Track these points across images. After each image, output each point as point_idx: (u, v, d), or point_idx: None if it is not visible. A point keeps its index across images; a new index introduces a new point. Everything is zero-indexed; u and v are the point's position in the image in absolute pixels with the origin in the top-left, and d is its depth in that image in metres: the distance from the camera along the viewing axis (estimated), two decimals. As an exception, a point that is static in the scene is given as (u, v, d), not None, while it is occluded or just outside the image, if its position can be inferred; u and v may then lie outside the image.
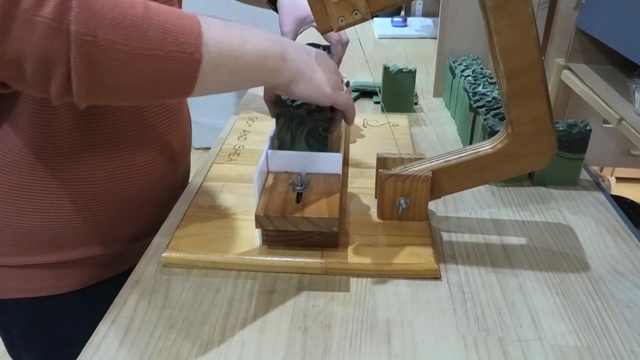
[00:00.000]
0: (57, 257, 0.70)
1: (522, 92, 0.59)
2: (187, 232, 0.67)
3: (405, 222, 0.69)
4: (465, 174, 0.66)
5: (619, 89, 0.95)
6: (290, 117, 0.67)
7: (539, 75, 0.59)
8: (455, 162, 0.65)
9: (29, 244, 0.68)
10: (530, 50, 0.57)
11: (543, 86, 0.59)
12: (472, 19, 1.08)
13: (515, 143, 0.62)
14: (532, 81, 0.59)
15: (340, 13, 0.56)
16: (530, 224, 0.71)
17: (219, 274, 0.62)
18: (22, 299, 0.71)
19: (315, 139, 0.68)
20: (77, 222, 0.69)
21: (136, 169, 0.71)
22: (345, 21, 0.57)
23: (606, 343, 0.53)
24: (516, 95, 0.60)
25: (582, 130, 0.77)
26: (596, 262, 0.64)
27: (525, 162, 0.64)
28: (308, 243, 0.63)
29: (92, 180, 0.68)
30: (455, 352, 0.52)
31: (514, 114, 0.61)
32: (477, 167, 0.65)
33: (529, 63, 0.58)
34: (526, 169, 0.65)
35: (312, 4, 0.57)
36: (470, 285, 0.61)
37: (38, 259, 0.69)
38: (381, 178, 0.67)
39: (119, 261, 0.75)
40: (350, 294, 0.59)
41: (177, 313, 0.57)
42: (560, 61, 1.10)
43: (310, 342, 0.53)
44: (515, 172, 0.65)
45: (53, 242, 0.69)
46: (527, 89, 0.59)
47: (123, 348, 0.53)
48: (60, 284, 0.72)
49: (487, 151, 0.64)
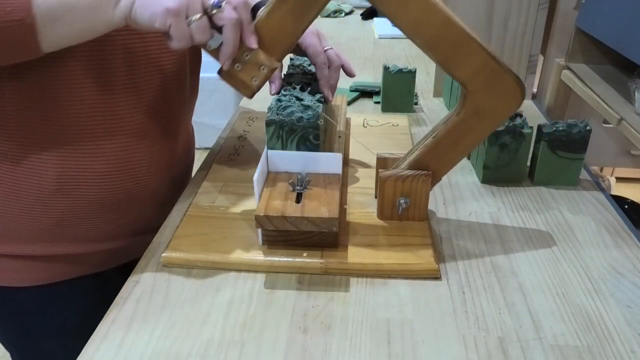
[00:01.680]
0: (13, 249, 0.69)
1: (450, 54, 0.59)
2: (187, 232, 0.67)
3: (405, 222, 0.69)
4: (448, 149, 0.66)
5: (619, 89, 0.95)
6: (280, 125, 0.67)
7: (458, 31, 0.58)
8: (433, 142, 0.65)
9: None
10: (435, 13, 0.57)
11: (469, 38, 0.58)
12: (472, 19, 1.08)
13: (474, 100, 0.62)
14: (454, 39, 0.58)
15: (250, 75, 0.61)
16: (530, 224, 0.71)
17: (219, 274, 0.62)
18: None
19: (306, 146, 0.68)
20: (33, 218, 0.68)
21: (90, 174, 0.68)
22: (258, 79, 0.61)
23: (606, 343, 0.53)
24: (447, 59, 0.60)
25: (582, 130, 0.77)
26: (596, 262, 0.64)
27: (496, 113, 0.63)
28: (308, 243, 0.63)
29: (43, 177, 0.66)
30: (455, 352, 0.52)
31: (457, 75, 0.61)
32: (455, 137, 0.65)
33: (441, 24, 0.58)
34: (501, 117, 0.64)
35: (226, 80, 0.61)
36: (470, 285, 0.61)
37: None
38: (381, 178, 0.67)
39: (88, 262, 0.74)
40: (350, 294, 0.59)
41: (177, 313, 0.57)
42: (560, 61, 1.10)
43: (310, 342, 0.53)
44: (492, 126, 0.65)
45: (7, 234, 0.68)
46: (454, 48, 0.59)
47: (123, 348, 0.53)
48: (21, 277, 0.71)
49: (455, 119, 0.63)
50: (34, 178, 0.66)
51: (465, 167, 0.86)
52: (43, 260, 0.71)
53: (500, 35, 1.08)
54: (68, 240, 0.71)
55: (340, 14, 1.98)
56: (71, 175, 0.67)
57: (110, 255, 0.76)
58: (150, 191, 0.75)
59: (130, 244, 0.76)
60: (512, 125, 0.77)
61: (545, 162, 0.79)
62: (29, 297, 0.73)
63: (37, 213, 0.68)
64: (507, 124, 0.77)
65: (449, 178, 0.83)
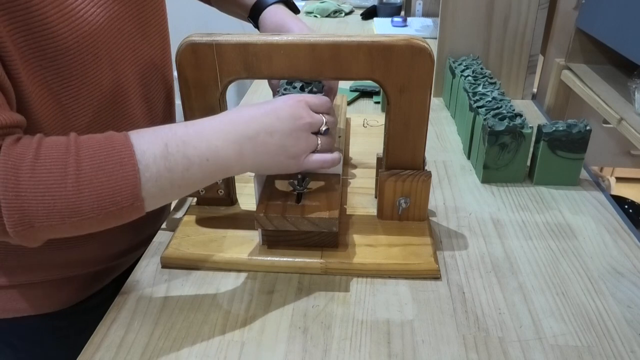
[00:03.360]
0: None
1: (337, 67, 0.60)
2: (187, 232, 0.67)
3: (405, 222, 0.69)
4: (404, 134, 0.65)
5: (619, 89, 0.95)
6: None
7: (325, 47, 0.59)
8: (389, 137, 0.66)
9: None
10: (299, 49, 0.59)
11: (338, 45, 0.59)
12: (472, 19, 1.08)
13: (391, 83, 0.61)
14: (328, 55, 0.60)
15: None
16: (530, 224, 0.71)
17: (219, 274, 0.62)
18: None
19: None
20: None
21: None
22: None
23: (606, 343, 0.53)
24: (339, 72, 0.61)
25: (582, 130, 0.77)
26: (596, 262, 0.64)
27: (415, 78, 0.61)
28: (308, 243, 0.63)
29: None
30: (455, 352, 0.52)
31: (359, 77, 0.62)
32: (402, 122, 0.64)
33: (308, 54, 0.59)
34: (422, 81, 0.61)
35: None
36: (470, 285, 0.61)
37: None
38: (381, 178, 0.67)
39: (63, 293, 0.70)
40: (350, 294, 0.59)
41: (177, 313, 0.57)
42: (560, 61, 1.10)
43: (310, 342, 0.53)
44: (421, 92, 0.62)
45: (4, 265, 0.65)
46: (335, 62, 0.60)
47: (123, 348, 0.53)
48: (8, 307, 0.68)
49: (388, 108, 0.70)
50: None
51: (465, 167, 0.86)
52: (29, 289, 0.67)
53: (500, 35, 1.08)
54: (63, 266, 0.68)
55: (340, 14, 1.98)
56: None
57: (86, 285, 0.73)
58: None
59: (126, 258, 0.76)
60: (512, 125, 0.77)
61: (545, 162, 0.79)
62: (13, 328, 0.69)
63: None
64: (507, 124, 0.77)
65: (449, 178, 0.83)
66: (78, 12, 0.54)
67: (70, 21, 0.53)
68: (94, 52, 0.57)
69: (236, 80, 0.63)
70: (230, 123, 0.54)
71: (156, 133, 0.51)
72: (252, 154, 0.54)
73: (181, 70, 0.61)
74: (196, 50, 0.60)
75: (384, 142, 0.67)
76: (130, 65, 0.64)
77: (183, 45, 0.60)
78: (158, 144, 0.50)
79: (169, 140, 0.50)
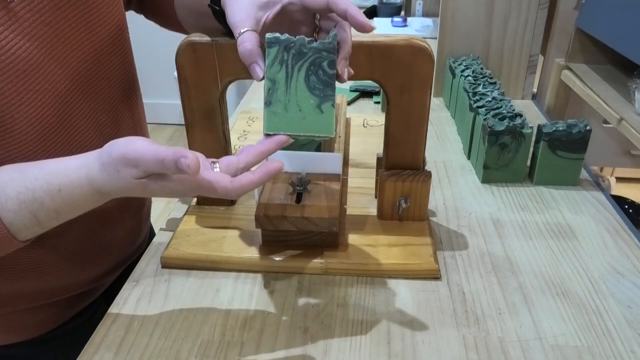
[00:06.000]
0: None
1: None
2: (187, 232, 0.67)
3: (405, 222, 0.69)
4: (403, 135, 0.65)
5: (619, 89, 0.95)
6: (285, 46, 0.53)
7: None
8: (389, 136, 0.66)
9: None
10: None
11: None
12: (472, 19, 1.08)
13: (393, 83, 0.64)
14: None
15: None
16: (530, 224, 0.71)
17: (219, 274, 0.62)
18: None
19: (319, 77, 0.53)
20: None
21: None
22: None
23: (606, 343, 0.53)
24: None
25: (582, 130, 0.77)
26: (596, 262, 0.64)
27: (415, 78, 0.61)
28: (308, 243, 0.63)
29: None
30: (455, 352, 0.52)
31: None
32: (403, 120, 0.64)
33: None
34: (421, 79, 0.66)
35: None
36: (470, 285, 0.61)
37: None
38: (381, 178, 0.67)
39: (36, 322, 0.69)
40: (350, 294, 0.59)
41: (177, 313, 0.57)
42: (560, 61, 1.10)
43: (310, 342, 0.53)
44: (421, 91, 0.67)
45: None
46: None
47: (123, 348, 0.53)
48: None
49: (388, 108, 0.62)
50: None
51: (465, 167, 0.86)
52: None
53: (500, 35, 1.08)
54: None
55: (340, 14, 1.98)
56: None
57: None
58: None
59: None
60: (512, 125, 0.77)
61: (545, 162, 0.79)
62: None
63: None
64: (507, 124, 0.77)
65: (449, 178, 0.83)
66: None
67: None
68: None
69: (236, 80, 0.63)
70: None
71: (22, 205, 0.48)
72: (110, 189, 0.49)
73: (181, 70, 0.61)
74: (196, 50, 0.60)
75: (384, 142, 0.67)
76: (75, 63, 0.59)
77: (183, 44, 0.60)
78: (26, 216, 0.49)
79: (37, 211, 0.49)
